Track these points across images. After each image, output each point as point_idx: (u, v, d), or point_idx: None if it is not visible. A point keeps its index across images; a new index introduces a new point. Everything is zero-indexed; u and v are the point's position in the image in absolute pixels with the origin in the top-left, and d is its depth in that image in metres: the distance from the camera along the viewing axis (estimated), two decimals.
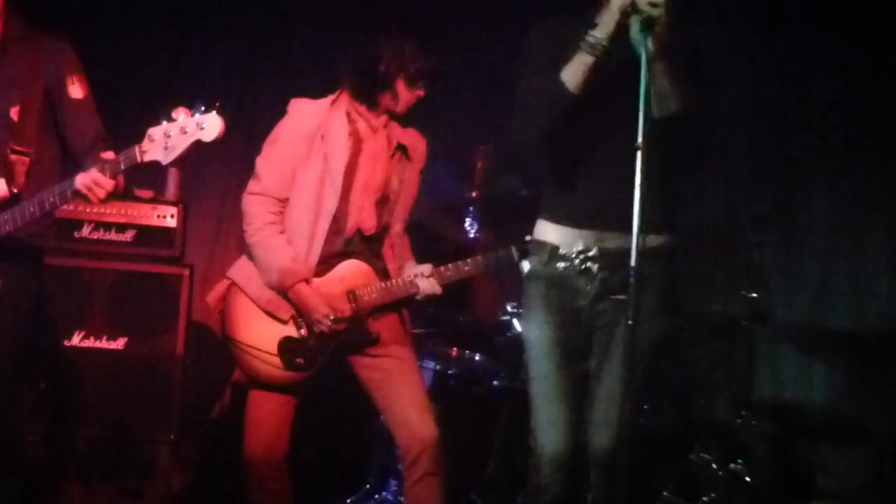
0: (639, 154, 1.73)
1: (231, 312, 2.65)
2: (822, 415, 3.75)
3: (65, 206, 2.48)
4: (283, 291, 2.56)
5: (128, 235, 3.20)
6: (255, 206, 2.60)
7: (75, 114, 2.46)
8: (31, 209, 2.26)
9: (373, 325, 2.66)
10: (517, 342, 3.07)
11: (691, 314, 3.50)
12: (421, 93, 2.64)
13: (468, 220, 3.55)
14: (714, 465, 3.25)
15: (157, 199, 3.26)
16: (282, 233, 2.60)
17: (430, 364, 3.27)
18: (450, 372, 3.31)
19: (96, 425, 3.12)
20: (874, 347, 3.53)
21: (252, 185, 2.64)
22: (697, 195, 3.86)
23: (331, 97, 2.68)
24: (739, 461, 3.23)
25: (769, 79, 3.97)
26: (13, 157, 2.35)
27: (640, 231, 1.75)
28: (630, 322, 1.77)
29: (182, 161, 2.14)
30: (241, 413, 2.72)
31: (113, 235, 3.19)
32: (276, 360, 2.58)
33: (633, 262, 1.76)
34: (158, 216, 3.22)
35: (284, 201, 2.62)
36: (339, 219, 2.61)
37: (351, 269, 2.65)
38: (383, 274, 2.68)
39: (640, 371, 2.08)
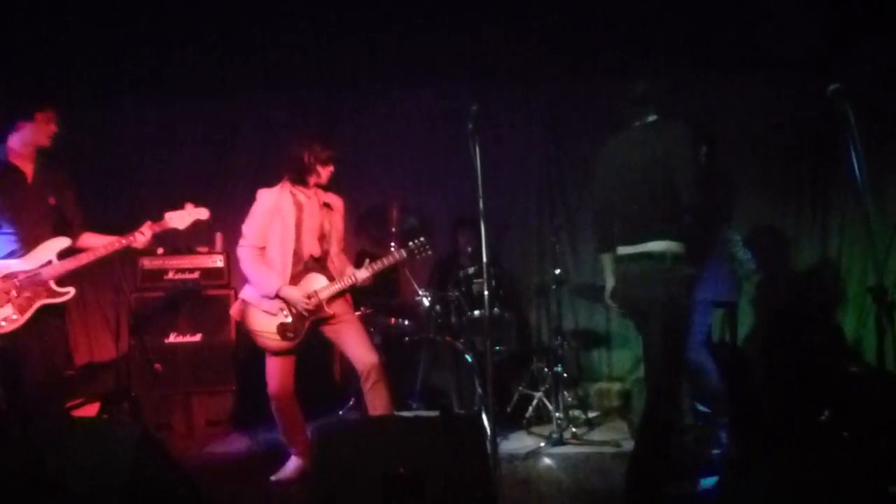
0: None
1: (246, 317, 4.11)
2: (600, 335, 6.16)
3: (154, 260, 4.86)
4: (273, 296, 3.99)
5: (196, 274, 5.38)
6: (246, 252, 4.06)
7: (71, 210, 4.03)
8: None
9: (329, 307, 4.06)
10: (428, 312, 5.22)
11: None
12: (331, 169, 4.10)
13: (392, 245, 5.35)
14: (545, 369, 5.33)
15: (211, 251, 5.42)
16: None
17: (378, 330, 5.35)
18: (391, 332, 5.35)
19: (188, 384, 5.24)
20: None
21: (242, 241, 4.09)
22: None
23: (280, 184, 4.12)
24: (559, 366, 5.23)
25: None
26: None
27: None
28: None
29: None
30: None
31: (187, 276, 5.35)
32: (277, 337, 4.01)
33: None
34: (212, 261, 5.40)
35: (262, 248, 4.07)
36: (297, 252, 4.05)
37: (311, 279, 4.08)
38: (331, 278, 4.14)
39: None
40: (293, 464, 4.17)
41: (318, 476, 3.04)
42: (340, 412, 5.34)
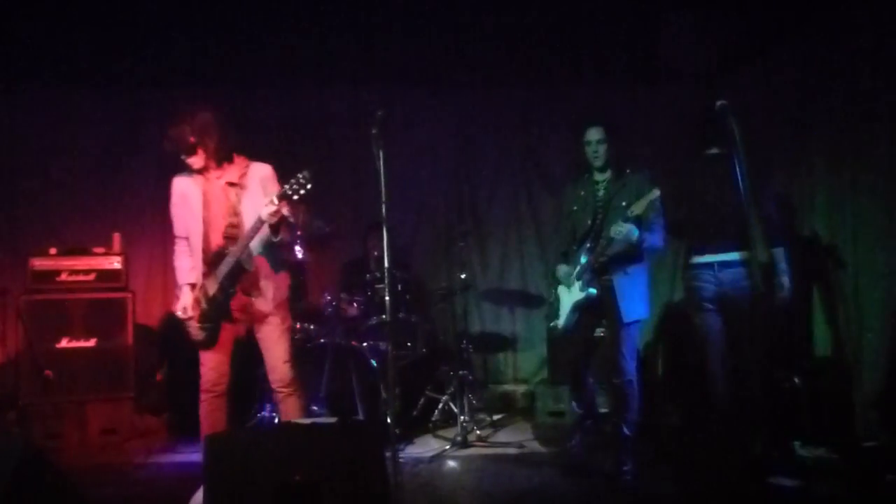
0: None
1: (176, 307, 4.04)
2: (506, 338, 6.26)
3: (46, 261, 4.73)
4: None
5: (91, 276, 5.14)
6: (174, 243, 3.94)
7: None
8: None
9: (254, 313, 3.81)
10: (334, 316, 5.19)
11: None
12: (188, 159, 3.70)
13: (297, 248, 5.36)
14: (451, 373, 5.36)
15: (108, 252, 5.19)
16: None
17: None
18: (297, 336, 5.26)
19: (81, 391, 5.00)
20: (535, 301, 6.06)
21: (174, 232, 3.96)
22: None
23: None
24: (463, 370, 5.29)
25: None
26: None
27: None
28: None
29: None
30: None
31: (81, 277, 5.11)
32: (194, 329, 3.82)
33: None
34: (109, 262, 5.17)
35: (187, 238, 3.87)
36: (205, 241, 3.76)
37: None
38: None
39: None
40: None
41: (209, 488, 2.96)
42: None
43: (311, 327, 5.31)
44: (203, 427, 3.85)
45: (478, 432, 5.09)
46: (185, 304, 3.81)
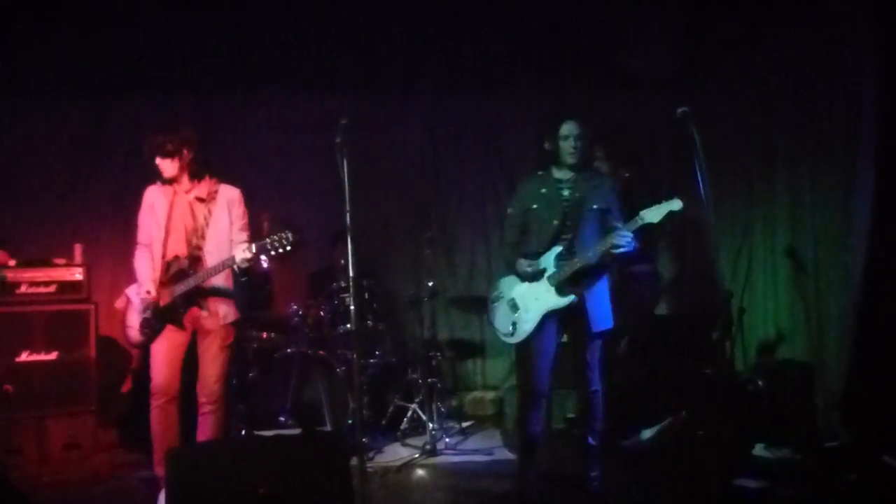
0: None
1: (126, 311, 4.12)
2: (475, 345, 6.27)
3: (9, 273, 4.60)
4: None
5: (52, 288, 5.02)
6: (136, 249, 4.04)
7: None
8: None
9: (200, 326, 3.90)
10: (301, 325, 5.16)
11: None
12: (168, 161, 3.81)
13: (262, 257, 5.43)
14: (419, 381, 5.34)
15: (69, 263, 5.08)
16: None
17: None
18: (261, 346, 5.21)
19: (42, 406, 4.87)
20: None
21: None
22: None
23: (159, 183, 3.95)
24: (432, 378, 5.28)
25: None
26: None
27: None
28: None
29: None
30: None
31: (42, 289, 5.00)
32: (137, 332, 3.95)
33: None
34: (70, 274, 5.06)
35: (149, 245, 3.99)
36: (164, 251, 3.89)
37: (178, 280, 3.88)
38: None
39: None
40: (162, 498, 3.79)
41: (171, 502, 2.94)
42: None
43: (278, 337, 5.26)
44: (154, 433, 3.88)
45: (447, 440, 5.08)
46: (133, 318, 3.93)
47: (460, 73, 6.00)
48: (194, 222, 3.92)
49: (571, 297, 3.80)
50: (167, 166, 3.87)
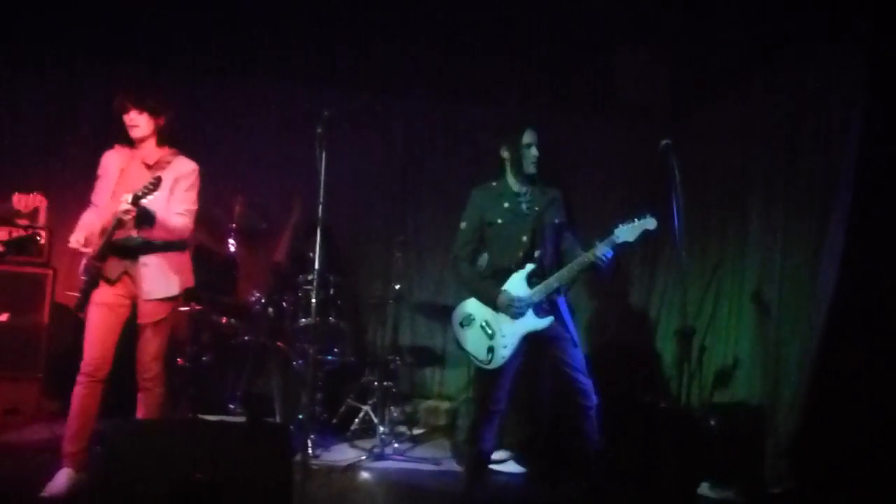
0: None
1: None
2: (436, 353, 6.21)
3: None
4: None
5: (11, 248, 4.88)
6: (87, 207, 3.89)
7: None
8: None
9: (140, 302, 3.74)
10: (262, 314, 5.09)
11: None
12: (134, 117, 3.67)
13: (230, 240, 5.39)
14: (376, 382, 5.31)
15: (32, 224, 4.96)
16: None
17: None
18: (219, 331, 5.18)
19: None
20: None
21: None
22: None
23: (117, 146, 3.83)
24: (389, 381, 5.30)
25: None
26: None
27: None
28: None
29: None
30: None
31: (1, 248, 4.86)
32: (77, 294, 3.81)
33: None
34: (32, 236, 4.96)
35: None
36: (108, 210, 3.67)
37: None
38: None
39: None
40: (63, 476, 3.64)
41: (103, 476, 2.86)
42: None
43: (238, 324, 5.18)
44: (71, 411, 3.70)
45: (396, 445, 5.04)
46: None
47: (450, 80, 5.99)
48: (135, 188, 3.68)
49: (550, 319, 3.74)
50: (142, 122, 3.73)
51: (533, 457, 4.79)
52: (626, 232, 3.60)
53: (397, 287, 5.37)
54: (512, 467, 4.73)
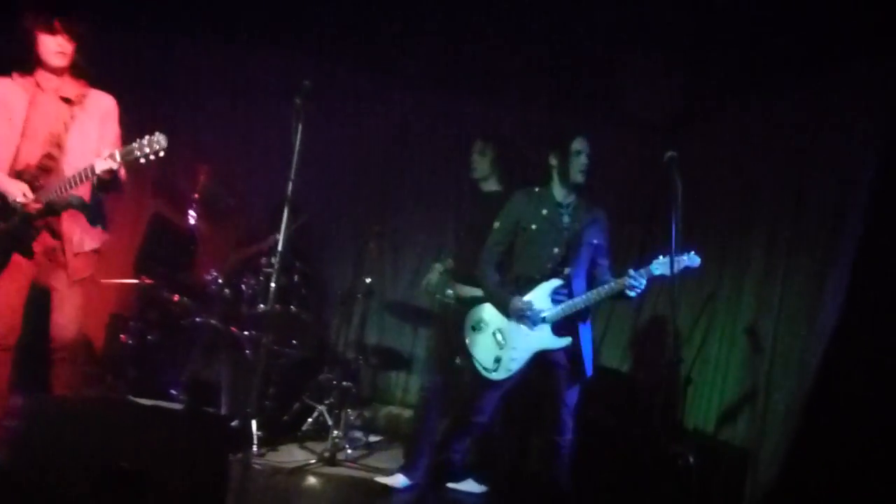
0: None
1: None
2: (403, 357, 5.84)
3: None
4: None
5: None
6: None
7: None
8: None
9: (56, 259, 3.31)
10: (217, 296, 4.74)
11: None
12: (60, 40, 3.21)
13: (190, 212, 4.98)
14: (334, 381, 4.92)
15: None
16: None
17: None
18: (168, 309, 4.84)
19: None
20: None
21: None
22: None
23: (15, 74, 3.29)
24: (348, 382, 4.88)
25: None
26: None
27: None
28: None
29: None
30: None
31: None
32: None
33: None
34: None
35: None
36: (15, 158, 3.25)
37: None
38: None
39: None
40: None
41: (18, 456, 2.56)
42: None
43: (190, 303, 4.83)
44: None
45: (349, 451, 4.66)
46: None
47: (451, 72, 5.70)
48: (58, 128, 3.30)
49: (568, 340, 3.55)
50: (64, 47, 3.25)
51: (494, 475, 4.45)
52: (665, 265, 3.40)
53: (368, 281, 4.96)
54: (471, 486, 4.39)
